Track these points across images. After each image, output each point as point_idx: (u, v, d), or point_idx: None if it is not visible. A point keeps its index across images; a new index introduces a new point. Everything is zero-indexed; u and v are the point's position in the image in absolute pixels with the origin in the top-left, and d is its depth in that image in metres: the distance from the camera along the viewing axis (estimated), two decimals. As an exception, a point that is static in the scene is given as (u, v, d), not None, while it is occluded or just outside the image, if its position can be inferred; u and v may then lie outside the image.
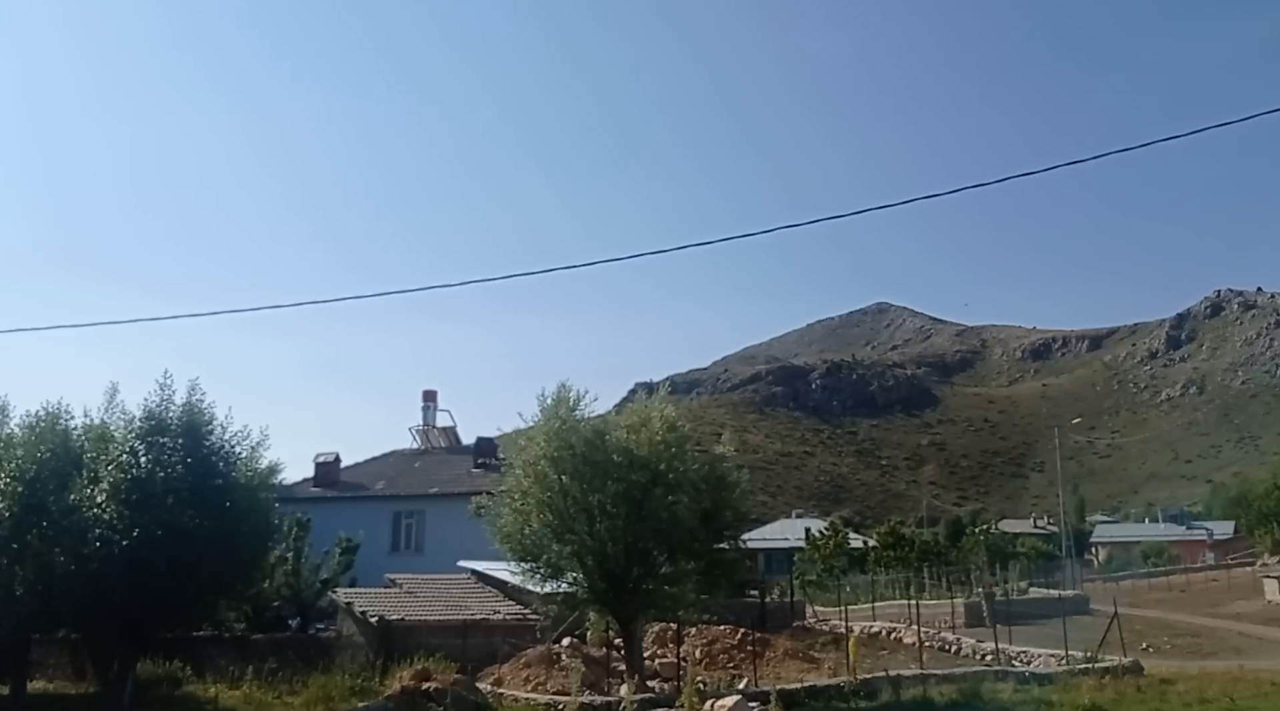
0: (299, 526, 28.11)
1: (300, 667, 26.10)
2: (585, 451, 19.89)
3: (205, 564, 19.85)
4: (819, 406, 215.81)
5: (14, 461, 20.74)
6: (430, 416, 40.75)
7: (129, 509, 19.41)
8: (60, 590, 19.23)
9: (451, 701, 19.35)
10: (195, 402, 20.76)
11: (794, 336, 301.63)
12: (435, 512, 35.27)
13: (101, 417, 21.84)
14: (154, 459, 20.05)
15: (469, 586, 28.45)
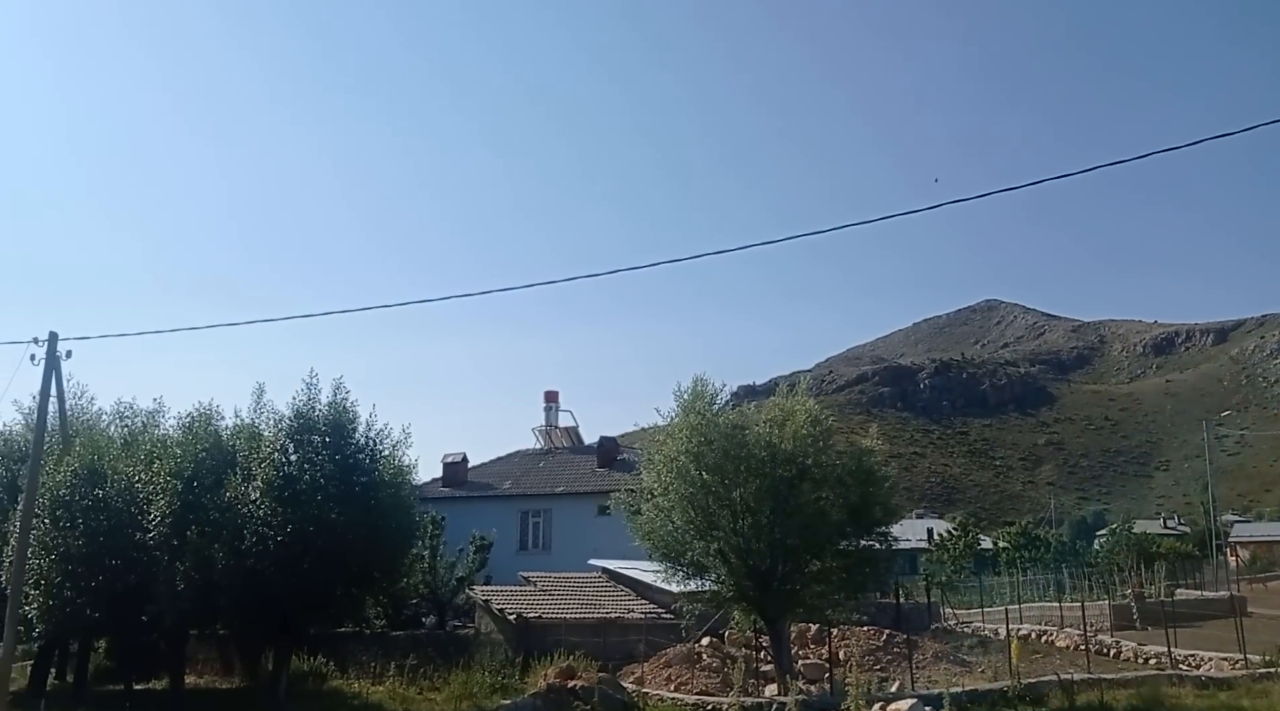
0: (434, 525, 28.42)
1: (440, 664, 26.36)
2: (726, 446, 19.46)
3: (353, 560, 20.16)
4: (928, 406, 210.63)
5: (172, 460, 21.44)
6: (552, 417, 40.99)
7: (281, 505, 19.85)
8: (220, 585, 19.75)
9: (599, 700, 19.16)
10: (340, 401, 21.12)
11: (900, 336, 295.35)
12: (561, 511, 35.37)
13: (251, 417, 22.46)
14: (303, 457, 20.46)
15: (601, 584, 28.31)
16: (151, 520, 21.14)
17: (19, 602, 15.92)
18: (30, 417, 31.64)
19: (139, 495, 22.26)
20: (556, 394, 41.77)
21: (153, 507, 21.17)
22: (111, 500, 22.25)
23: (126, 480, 22.52)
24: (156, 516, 20.95)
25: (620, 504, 21.13)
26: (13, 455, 28.50)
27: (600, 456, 36.82)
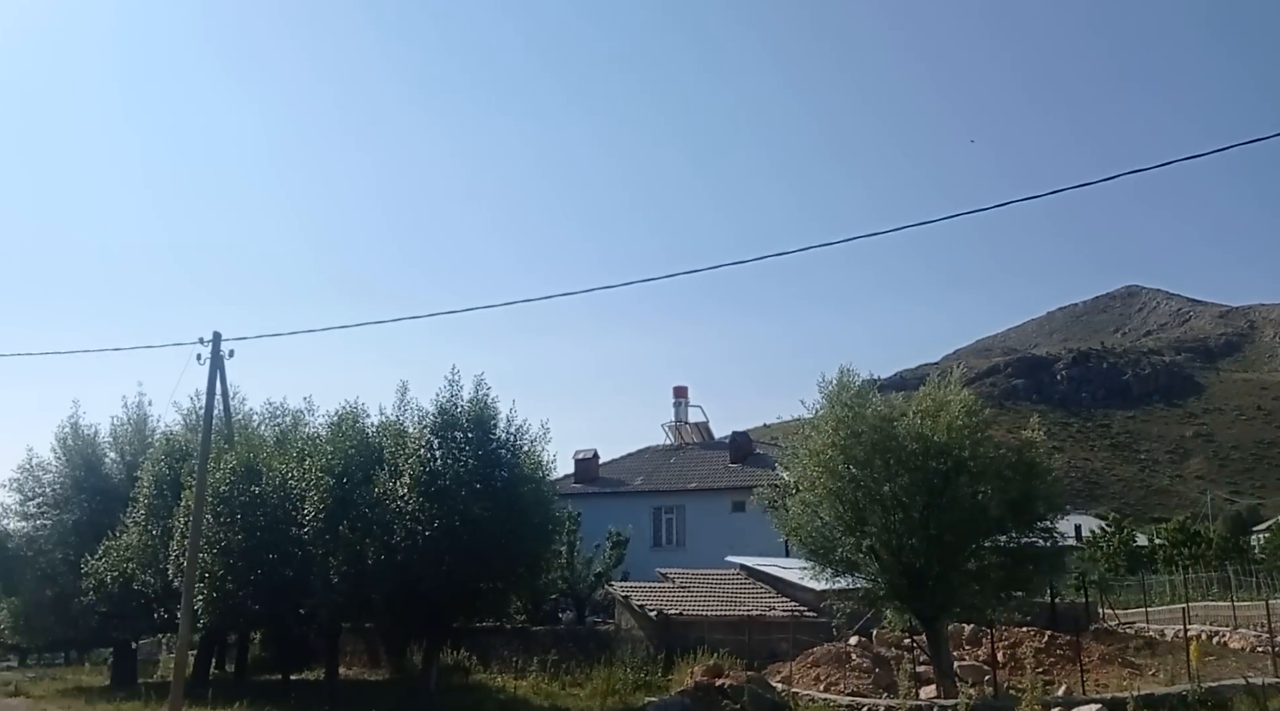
0: (570, 520, 28.45)
1: (581, 659, 26.40)
2: (875, 439, 18.73)
3: (498, 555, 20.26)
4: (1065, 398, 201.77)
5: (323, 458, 22.02)
6: (682, 412, 40.71)
7: (428, 501, 20.10)
8: (372, 579, 20.13)
9: (749, 699, 18.72)
10: (481, 397, 21.27)
11: (1033, 326, 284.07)
12: (695, 507, 35.05)
13: (395, 414, 22.88)
14: (447, 452, 20.67)
15: (740, 581, 27.86)
16: (305, 516, 21.76)
17: (193, 595, 16.43)
18: (189, 418, 33.35)
19: (293, 492, 22.98)
20: (686, 389, 41.54)
21: (306, 503, 21.79)
22: (268, 497, 23.03)
23: (281, 477, 23.28)
24: (310, 512, 21.55)
25: (764, 499, 20.63)
26: (174, 454, 29.92)
27: (733, 452, 36.34)
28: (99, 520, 33.38)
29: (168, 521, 28.14)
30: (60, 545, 34.16)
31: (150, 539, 28.64)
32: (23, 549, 35.01)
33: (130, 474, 34.01)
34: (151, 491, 29.39)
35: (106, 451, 35.81)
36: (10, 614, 36.61)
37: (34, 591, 34.67)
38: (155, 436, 35.09)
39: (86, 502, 34.25)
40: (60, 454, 35.21)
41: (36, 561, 34.52)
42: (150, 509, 29.23)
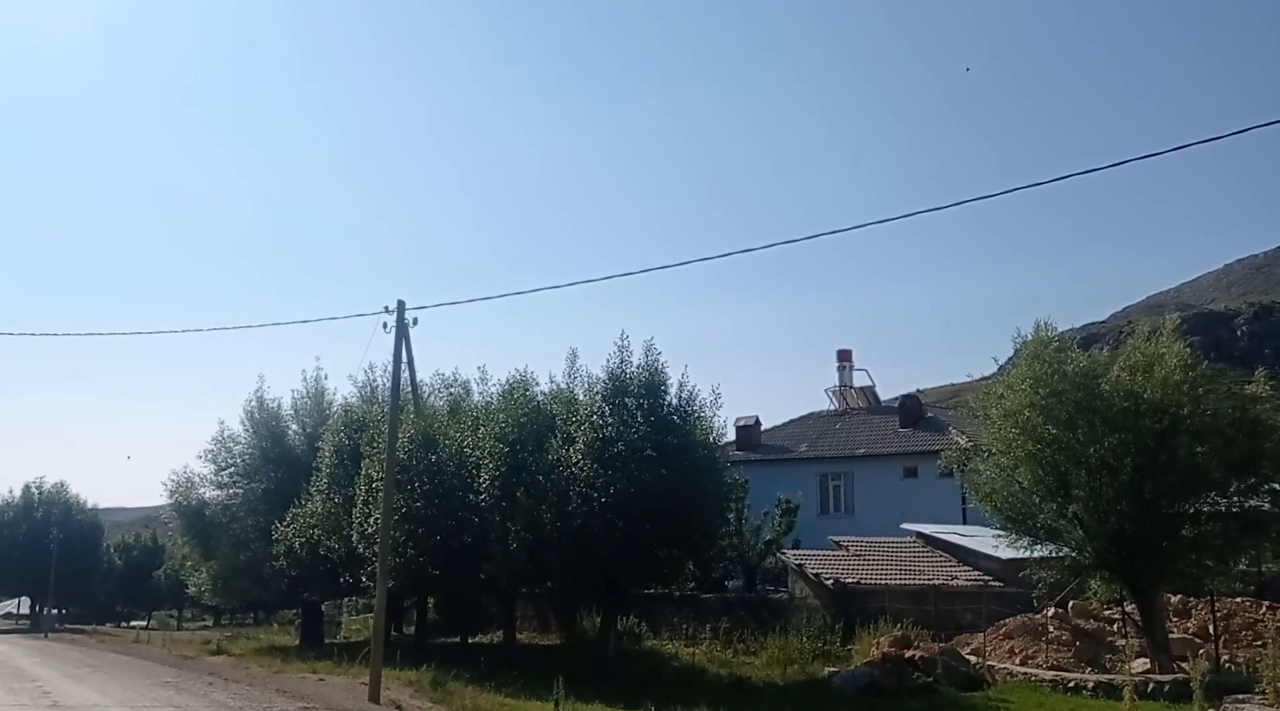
0: (737, 488, 27.96)
1: (753, 628, 25.98)
2: (1077, 397, 17.38)
3: (673, 522, 19.95)
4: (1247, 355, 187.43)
5: (496, 425, 22.21)
6: (846, 376, 39.53)
7: (601, 467, 19.95)
8: (550, 545, 20.19)
9: (943, 672, 17.83)
10: (651, 363, 20.93)
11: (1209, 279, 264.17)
12: (863, 474, 33.95)
13: (565, 382, 22.86)
14: (619, 419, 20.44)
15: (918, 550, 26.76)
16: (481, 483, 22.03)
17: (387, 560, 16.77)
18: (364, 390, 34.54)
19: (468, 460, 23.33)
20: (850, 352, 40.26)
21: (482, 471, 22.05)
22: (444, 465, 23.46)
23: (456, 446, 23.68)
24: (486, 479, 21.79)
25: (950, 463, 19.56)
26: (353, 425, 31.00)
27: (903, 416, 34.98)
28: (285, 489, 35.08)
29: (348, 489, 29.19)
30: (251, 513, 36.12)
31: (333, 506, 29.80)
32: (218, 516, 37.23)
33: (311, 444, 35.58)
34: (332, 461, 30.57)
35: (289, 423, 37.58)
36: (209, 577, 39.11)
37: (229, 556, 36.88)
38: (333, 408, 36.58)
39: (273, 472, 36.05)
40: (248, 426, 37.18)
41: (231, 528, 36.65)
42: (332, 477, 30.41)
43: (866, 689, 17.60)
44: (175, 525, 40.43)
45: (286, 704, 14.43)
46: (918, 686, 17.70)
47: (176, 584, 67.35)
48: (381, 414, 29.75)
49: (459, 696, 17.09)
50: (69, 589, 63.82)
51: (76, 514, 66.77)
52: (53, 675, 21.85)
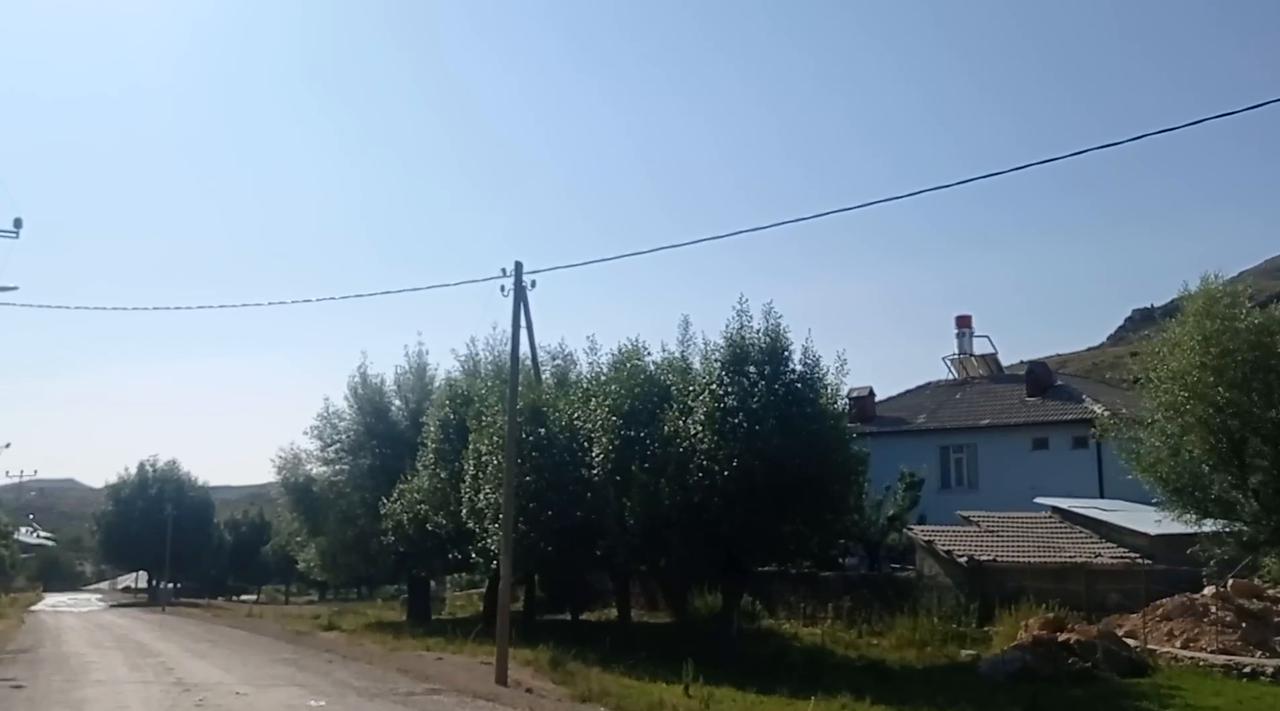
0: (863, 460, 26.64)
1: (877, 607, 24.74)
2: (1252, 358, 15.66)
3: (800, 496, 18.83)
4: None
5: (608, 397, 21.35)
6: (966, 344, 37.62)
7: (722, 439, 18.93)
8: (669, 520, 19.28)
9: (1102, 656, 16.39)
10: (773, 328, 19.76)
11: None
12: (988, 446, 32.21)
13: (679, 350, 21.88)
14: (740, 388, 19.35)
15: (1054, 525, 25.09)
16: (594, 457, 21.24)
17: (512, 535, 16.12)
18: (467, 364, 34.16)
19: (579, 432, 22.58)
20: (969, 318, 38.25)
21: (594, 444, 21.25)
22: (554, 438, 22.74)
23: (566, 419, 22.95)
24: (599, 453, 20.99)
25: (1107, 432, 17.98)
26: (457, 399, 30.63)
27: (1030, 384, 33.02)
28: (390, 465, 35.02)
29: (454, 464, 28.83)
30: (357, 489, 36.20)
31: (439, 482, 29.48)
32: (325, 492, 37.44)
33: (414, 420, 35.44)
34: (438, 436, 30.24)
35: (392, 399, 37.52)
36: (318, 553, 39.48)
37: (337, 532, 37.06)
38: (435, 384, 36.40)
39: (377, 448, 36.05)
40: (352, 403, 37.23)
41: (337, 504, 36.81)
42: (438, 453, 30.08)
43: (1018, 675, 16.26)
44: (284, 501, 40.90)
45: (412, 685, 13.83)
46: (1075, 672, 16.30)
47: (284, 559, 69.05)
48: (486, 388, 29.32)
49: (582, 678, 16.35)
50: (183, 563, 65.79)
51: (188, 491, 68.75)
52: (174, 650, 21.92)
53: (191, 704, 11.95)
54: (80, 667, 17.68)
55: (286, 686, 13.91)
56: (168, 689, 13.70)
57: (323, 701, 11.86)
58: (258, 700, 12.20)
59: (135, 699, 12.56)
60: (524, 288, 14.57)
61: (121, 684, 14.65)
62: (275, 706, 11.56)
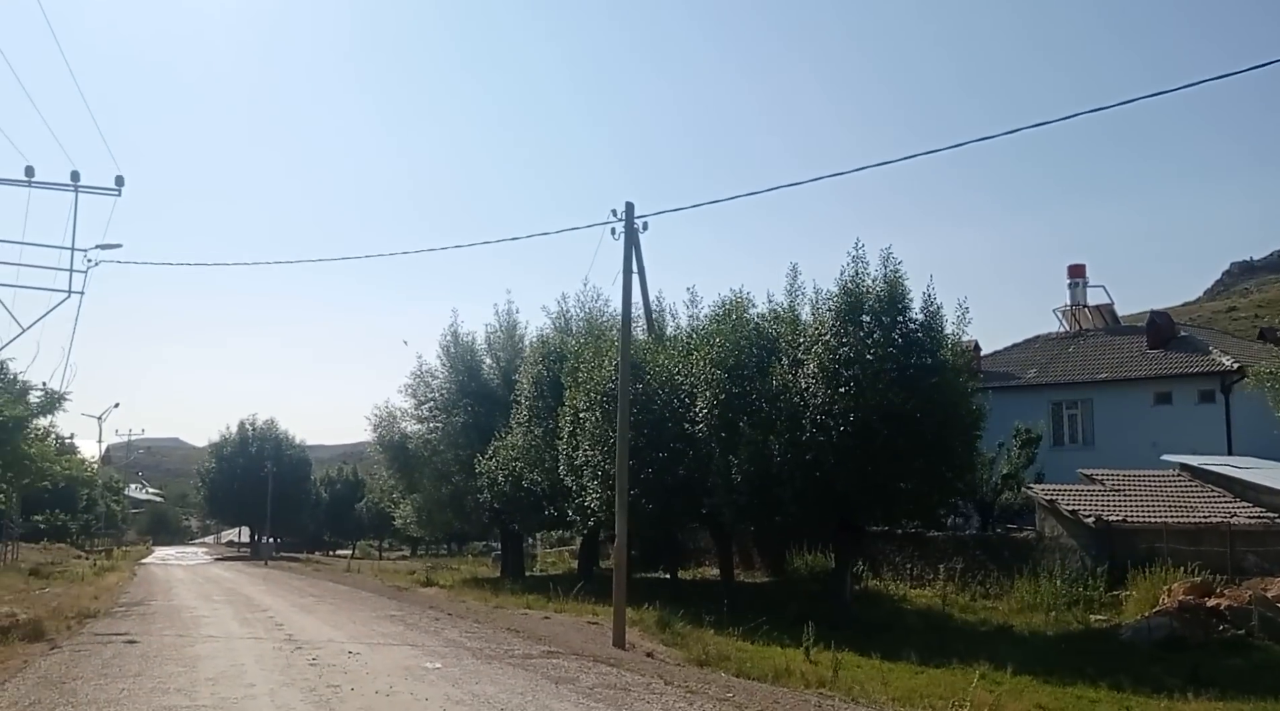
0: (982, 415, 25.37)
1: (992, 570, 23.66)
2: None
3: (920, 452, 17.81)
4: None
5: (712, 350, 20.53)
6: (1079, 294, 35.63)
7: (837, 392, 17.98)
8: (779, 478, 18.47)
9: (1259, 625, 15.12)
10: (891, 275, 18.63)
11: None
12: (1105, 401, 30.50)
13: (786, 300, 20.91)
14: (855, 338, 18.31)
15: (1184, 484, 23.53)
16: (698, 412, 20.50)
17: (627, 491, 15.49)
18: (559, 322, 33.68)
19: (680, 388, 21.85)
20: (1083, 267, 36.18)
21: (698, 399, 20.49)
22: (654, 394, 22.07)
23: (666, 373, 22.23)
24: (703, 408, 20.23)
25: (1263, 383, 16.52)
26: (550, 356, 30.19)
27: (1151, 336, 31.09)
28: (482, 423, 34.90)
29: (549, 422, 28.44)
30: (451, 446, 36.22)
31: (534, 439, 29.16)
32: (420, 450, 37.58)
33: (505, 378, 35.19)
34: (531, 393, 29.87)
35: (483, 357, 37.35)
36: (413, 509, 39.79)
37: (432, 489, 37.23)
38: (525, 342, 36.08)
39: (469, 406, 35.94)
40: (445, 361, 37.19)
41: (432, 461, 36.92)
42: (532, 410, 29.74)
43: (1166, 642, 15.12)
44: (380, 458, 41.28)
45: (526, 646, 13.36)
46: (1228, 640, 15.10)
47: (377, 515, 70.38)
48: (579, 344, 28.79)
49: (694, 640, 15.76)
50: (282, 519, 67.59)
51: (286, 449, 70.43)
52: (281, 605, 22.03)
53: (305, 662, 11.65)
54: (191, 622, 17.76)
55: (398, 645, 13.59)
56: (279, 646, 13.50)
57: (438, 663, 11.43)
58: (371, 660, 11.84)
59: (249, 656, 12.33)
60: (635, 230, 13.74)
61: (233, 640, 14.54)
62: (390, 667, 11.16)
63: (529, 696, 9.14)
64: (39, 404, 18.71)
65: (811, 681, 11.81)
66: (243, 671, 10.93)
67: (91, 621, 18.10)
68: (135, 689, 9.62)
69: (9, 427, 17.68)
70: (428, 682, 9.95)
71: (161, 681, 10.14)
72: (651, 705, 8.72)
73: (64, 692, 9.43)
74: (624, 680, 10.22)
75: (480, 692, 9.28)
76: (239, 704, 8.84)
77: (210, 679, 10.37)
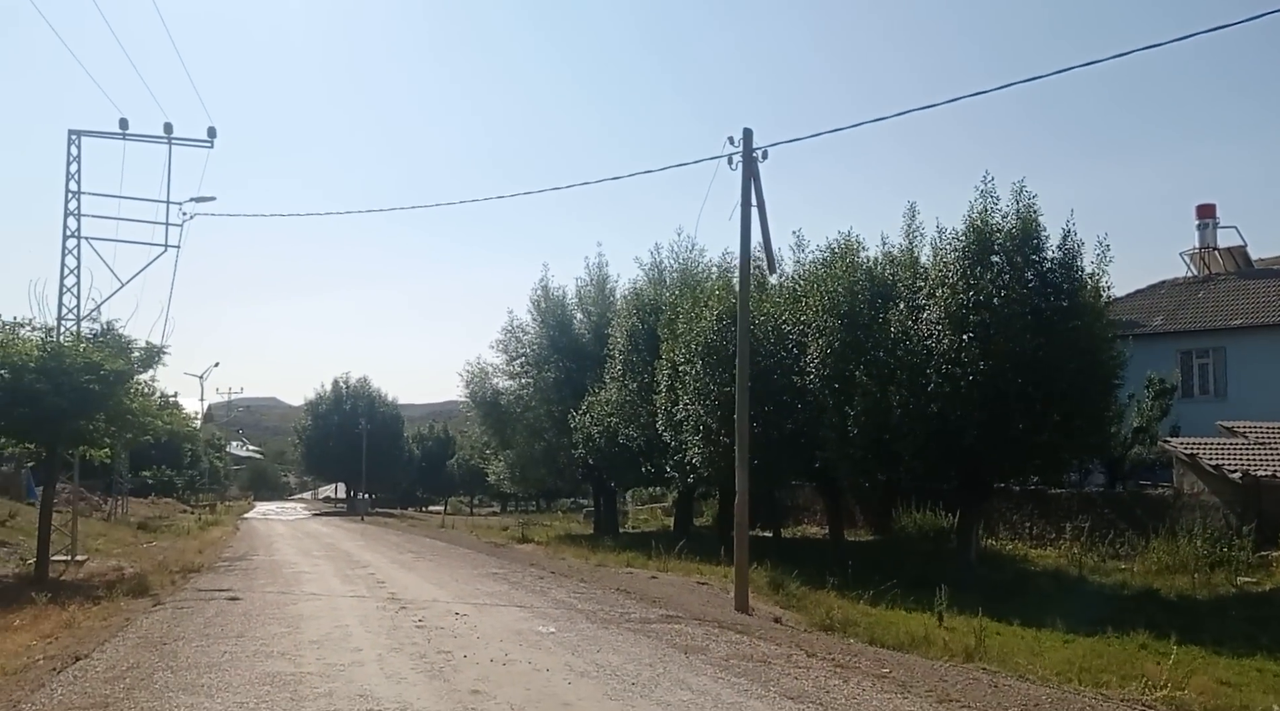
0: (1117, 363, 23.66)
1: (1121, 529, 22.13)
2: None
3: (1055, 403, 16.36)
4: None
5: (824, 296, 19.31)
6: (1209, 236, 33.04)
7: (964, 339, 16.62)
8: (899, 431, 17.26)
9: None
10: (1024, 211, 17.08)
11: None
12: (1239, 350, 28.29)
13: (903, 241, 19.50)
14: (985, 280, 16.88)
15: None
16: (809, 362, 19.34)
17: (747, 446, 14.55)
18: (652, 273, 32.65)
19: (788, 336, 20.72)
20: (1213, 207, 33.56)
21: (810, 348, 19.33)
22: (760, 343, 20.97)
23: (773, 321, 21.11)
24: (815, 358, 19.06)
25: None
26: (644, 308, 29.26)
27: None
28: (574, 378, 34.27)
29: (643, 376, 27.60)
30: (543, 402, 35.71)
31: (629, 394, 28.37)
32: (512, 406, 37.16)
33: (596, 332, 34.43)
34: (625, 346, 29.05)
35: (574, 312, 36.64)
36: (507, 466, 39.52)
37: (525, 445, 36.83)
38: (616, 295, 35.22)
39: (560, 361, 35.33)
40: (535, 316, 36.59)
41: (524, 417, 36.48)
42: (626, 364, 28.92)
43: (1343, 612, 13.60)
44: (472, 415, 41.05)
45: (642, 609, 12.54)
46: None
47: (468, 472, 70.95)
48: (675, 295, 27.76)
49: (812, 603, 14.81)
50: (376, 475, 68.58)
51: (379, 406, 71.25)
52: (380, 561, 21.75)
53: (411, 624, 11.02)
54: (293, 578, 17.48)
55: (506, 606, 12.91)
56: (383, 605, 12.95)
57: (551, 627, 10.66)
58: (480, 622, 11.15)
59: (352, 616, 11.78)
60: (754, 158, 12.56)
61: (336, 597, 14.09)
62: (501, 630, 10.44)
63: (659, 668, 8.27)
64: (139, 358, 18.48)
65: (955, 651, 10.73)
66: (348, 634, 10.33)
67: (195, 576, 17.97)
68: (237, 652, 9.06)
69: (110, 382, 17.45)
70: (544, 650, 9.17)
71: (264, 643, 9.59)
72: (801, 681, 7.75)
73: (164, 655, 8.92)
74: (759, 650, 9.28)
75: (604, 662, 8.45)
76: (346, 671, 8.17)
77: (314, 641, 9.79)
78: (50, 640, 10.44)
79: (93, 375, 17.25)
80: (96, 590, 14.99)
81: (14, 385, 16.74)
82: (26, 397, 16.74)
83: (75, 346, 18.08)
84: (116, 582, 16.20)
